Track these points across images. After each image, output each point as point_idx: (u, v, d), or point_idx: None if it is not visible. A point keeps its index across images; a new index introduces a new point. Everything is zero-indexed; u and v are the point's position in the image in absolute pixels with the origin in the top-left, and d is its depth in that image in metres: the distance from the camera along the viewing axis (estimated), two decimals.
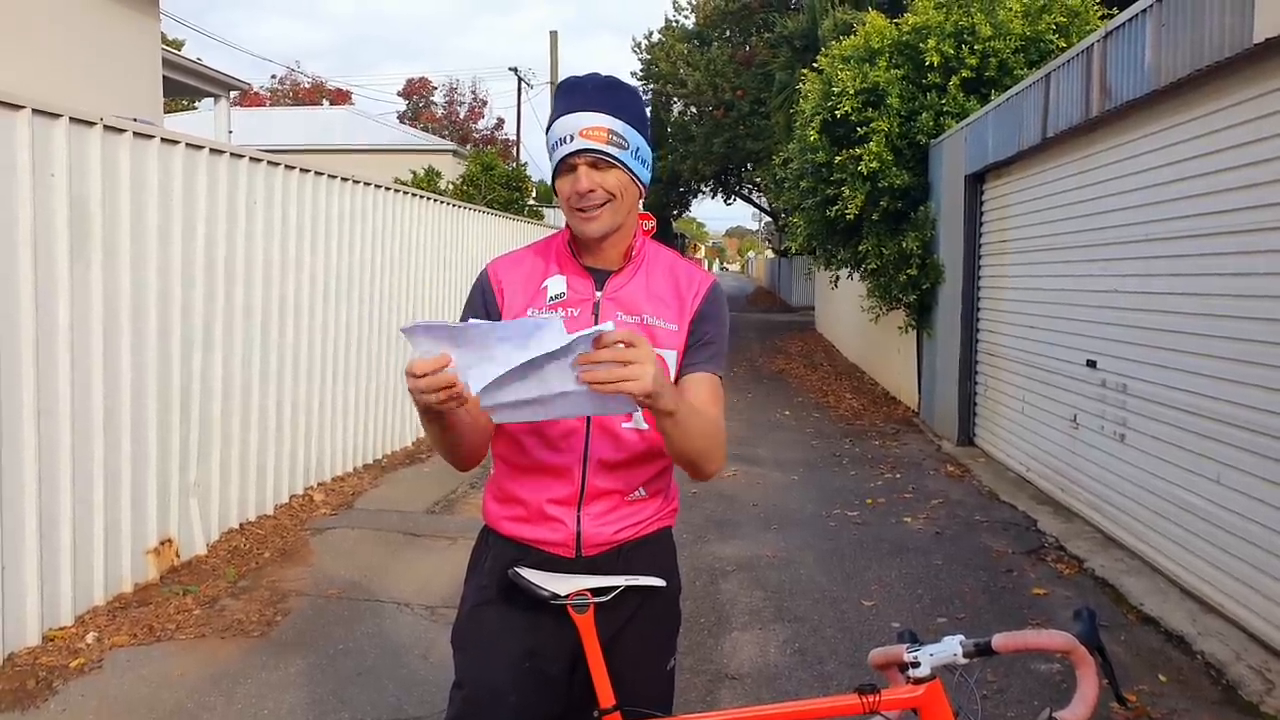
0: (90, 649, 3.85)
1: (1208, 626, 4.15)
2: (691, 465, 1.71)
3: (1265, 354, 3.99)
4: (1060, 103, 6.09)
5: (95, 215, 4.13)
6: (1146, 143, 5.14)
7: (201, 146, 4.94)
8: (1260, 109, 4.04)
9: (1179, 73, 4.50)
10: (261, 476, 5.68)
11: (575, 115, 1.66)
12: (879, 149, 9.14)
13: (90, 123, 4.07)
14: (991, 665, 3.72)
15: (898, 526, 5.94)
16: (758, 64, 24.86)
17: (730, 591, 4.75)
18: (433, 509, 6.23)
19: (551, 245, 1.84)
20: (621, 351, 1.42)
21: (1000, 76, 8.77)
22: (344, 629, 4.19)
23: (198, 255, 4.93)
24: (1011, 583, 4.89)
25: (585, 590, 1.69)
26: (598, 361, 1.41)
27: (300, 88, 43.65)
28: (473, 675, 1.78)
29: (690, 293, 1.79)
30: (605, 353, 1.41)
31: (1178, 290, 4.76)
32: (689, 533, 5.70)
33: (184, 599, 4.41)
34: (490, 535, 1.84)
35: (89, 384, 4.14)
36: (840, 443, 8.79)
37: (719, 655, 3.97)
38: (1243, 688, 3.62)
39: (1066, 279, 6.28)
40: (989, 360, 8.01)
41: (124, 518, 4.39)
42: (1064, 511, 6.10)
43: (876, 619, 4.37)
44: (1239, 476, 4.16)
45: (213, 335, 5.10)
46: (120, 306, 4.32)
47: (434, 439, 1.68)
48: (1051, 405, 6.50)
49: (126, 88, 9.07)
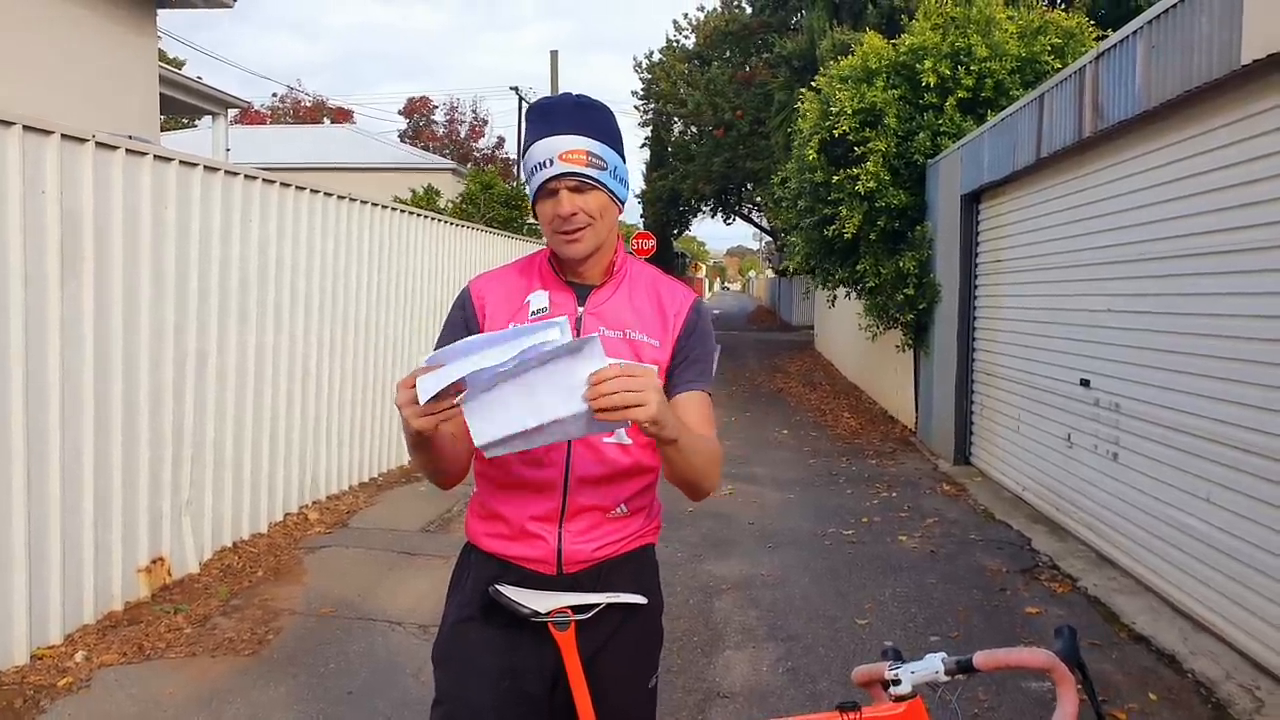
0: (79, 668, 3.83)
1: (1199, 645, 4.14)
2: (689, 486, 1.71)
3: (1256, 373, 3.99)
4: (1054, 123, 6.13)
5: (87, 232, 4.15)
6: (1138, 163, 5.17)
7: (195, 164, 4.97)
8: (1249, 130, 4.07)
9: (1169, 94, 4.53)
10: (255, 494, 5.67)
11: (553, 139, 1.66)
12: (876, 169, 9.18)
13: (82, 139, 4.10)
14: (983, 684, 3.70)
15: (893, 545, 5.93)
16: (757, 84, 25.03)
17: (724, 610, 4.74)
18: (427, 528, 6.22)
19: (534, 262, 1.85)
20: (631, 378, 1.42)
21: (996, 97, 8.83)
22: (336, 648, 4.17)
23: (191, 273, 4.94)
24: (1005, 601, 4.87)
25: (566, 607, 1.69)
26: (606, 384, 1.40)
27: (301, 106, 43.87)
28: (452, 693, 1.77)
29: (673, 309, 1.80)
30: (613, 371, 1.41)
31: (1168, 310, 4.78)
32: (684, 550, 5.68)
33: (175, 617, 4.40)
34: (472, 552, 1.85)
35: (79, 401, 4.15)
36: (837, 461, 8.78)
37: (711, 673, 3.96)
38: (1232, 706, 3.60)
39: (1060, 298, 6.30)
40: (985, 379, 8.02)
41: (115, 535, 4.39)
42: (1059, 531, 6.09)
43: (870, 638, 4.35)
44: (1230, 495, 4.16)
45: (206, 352, 5.11)
46: (112, 324, 4.33)
47: (419, 462, 1.70)
48: (1046, 424, 6.50)
49: (123, 106, 9.12)
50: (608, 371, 1.41)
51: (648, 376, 1.45)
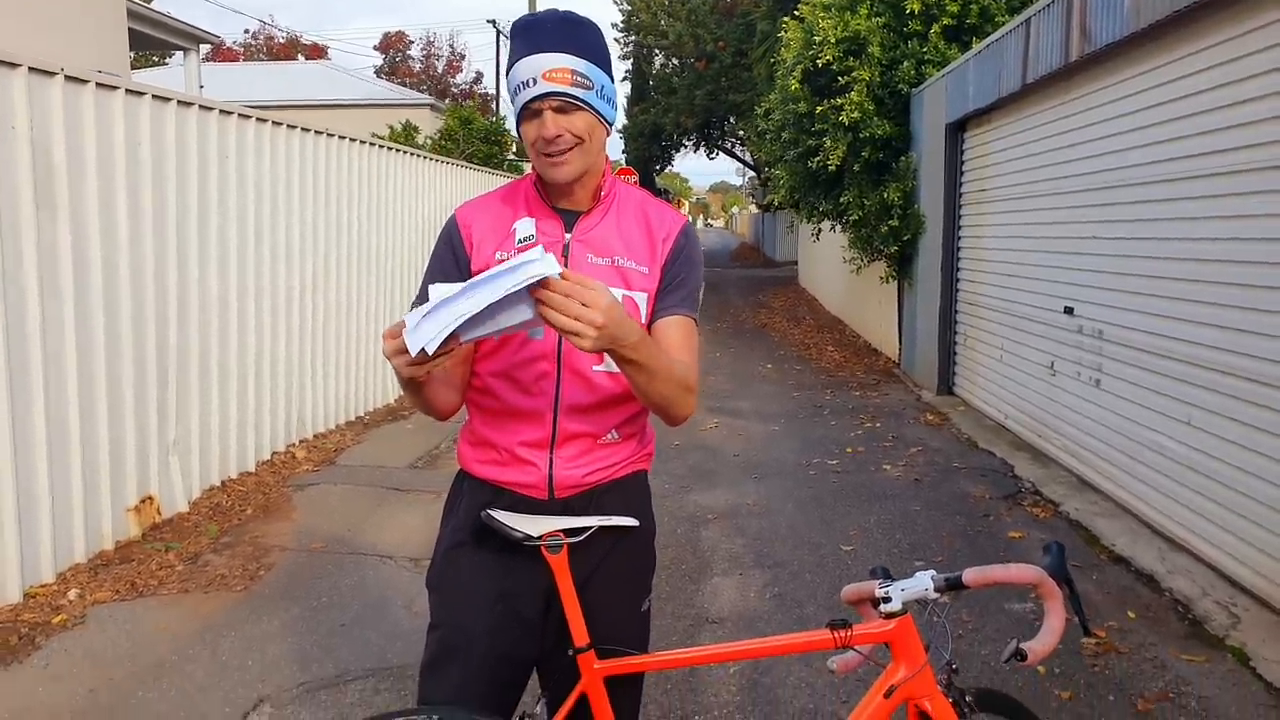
0: (72, 605, 3.86)
1: (1176, 564, 4.24)
2: (660, 410, 1.70)
3: (1234, 296, 4.02)
4: (1040, 48, 6.05)
5: (60, 170, 4.05)
6: (1124, 87, 5.12)
7: (169, 99, 4.84)
8: (1237, 50, 4.03)
9: (1158, 15, 4.47)
10: (242, 434, 5.66)
11: (537, 56, 1.61)
12: (860, 98, 9.06)
13: (50, 73, 3.98)
14: (967, 606, 3.79)
15: (877, 474, 6.00)
16: (739, 14, 24.55)
17: (711, 539, 4.80)
18: (415, 464, 6.24)
19: (519, 188, 1.81)
20: (581, 303, 1.39)
21: (982, 24, 8.69)
22: (327, 582, 4.21)
23: (169, 211, 4.85)
24: (988, 527, 4.96)
25: (558, 531, 1.70)
26: (553, 298, 1.38)
27: (275, 43, 42.77)
28: (447, 617, 1.79)
29: (661, 234, 1.77)
30: (567, 293, 1.38)
31: (1150, 235, 4.78)
32: (671, 483, 5.74)
33: (166, 555, 4.42)
34: (465, 479, 1.85)
35: (61, 341, 4.10)
36: (821, 394, 8.84)
37: (700, 600, 4.03)
38: (1209, 622, 3.70)
39: (1044, 226, 6.29)
40: (969, 310, 8.04)
41: (103, 476, 4.38)
42: (1041, 457, 6.17)
43: (855, 563, 4.43)
44: (1208, 418, 4.22)
45: (188, 291, 5.04)
46: (91, 263, 4.26)
47: (413, 400, 1.69)
48: (1030, 353, 6.55)
49: (90, 41, 8.86)
50: (558, 285, 1.38)
51: (596, 298, 1.40)
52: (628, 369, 1.56)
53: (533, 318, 1.40)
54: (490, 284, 1.36)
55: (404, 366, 1.45)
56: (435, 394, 1.69)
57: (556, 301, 1.38)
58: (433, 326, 1.38)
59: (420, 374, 1.49)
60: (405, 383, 1.57)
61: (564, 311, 1.39)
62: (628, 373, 1.58)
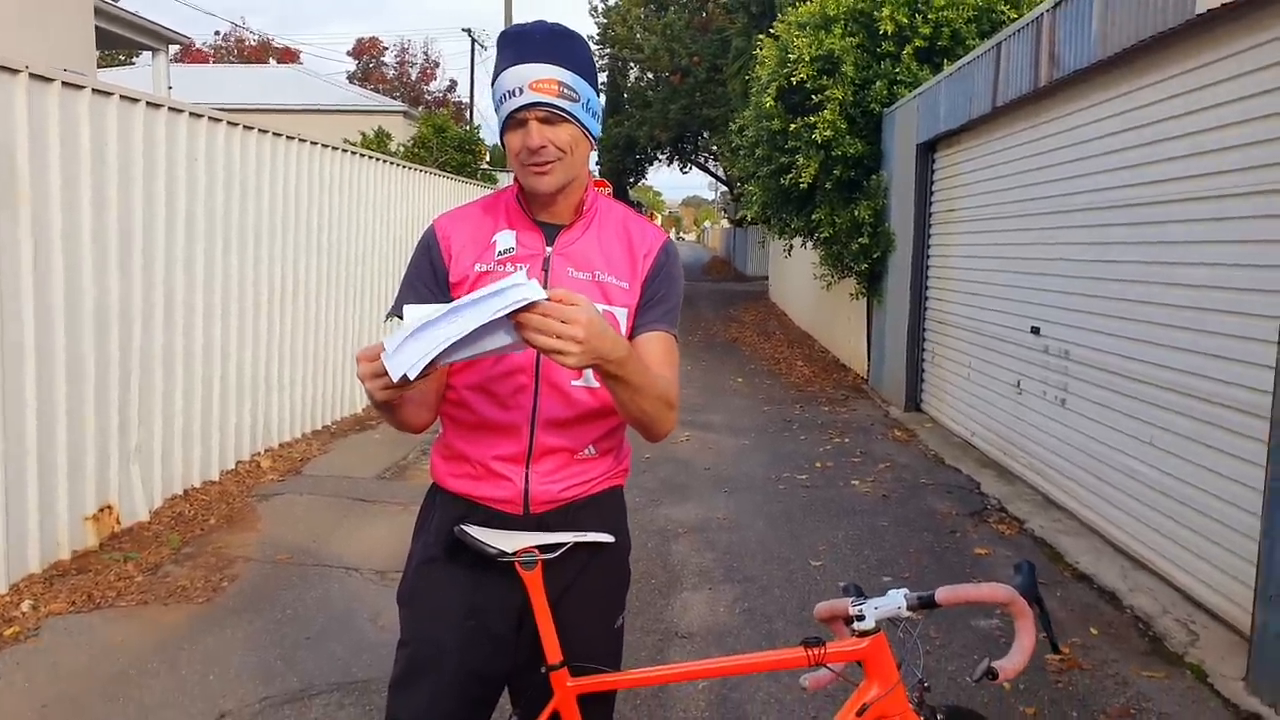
0: (26, 617, 3.76)
1: (1138, 582, 4.30)
2: (641, 426, 1.69)
3: (1195, 319, 4.10)
4: (1010, 71, 6.15)
5: (22, 168, 3.97)
6: (1092, 112, 5.21)
7: (137, 99, 4.77)
8: (1201, 79, 4.11)
9: (1124, 43, 4.56)
10: (206, 442, 5.57)
11: (524, 67, 1.60)
12: (833, 117, 9.15)
13: (14, 70, 3.91)
14: (934, 623, 3.81)
15: (845, 490, 6.03)
16: (715, 30, 24.70)
17: (681, 553, 4.79)
18: (383, 475, 6.18)
19: (501, 200, 1.80)
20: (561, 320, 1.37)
21: (953, 46, 8.82)
22: (292, 594, 4.15)
23: (135, 215, 4.77)
24: (955, 543, 5.00)
25: (533, 547, 1.69)
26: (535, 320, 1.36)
27: (245, 45, 42.40)
28: (418, 633, 1.77)
29: (643, 250, 1.76)
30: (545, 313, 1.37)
31: (1117, 258, 4.86)
32: (642, 496, 5.73)
33: (125, 566, 4.33)
34: (438, 493, 1.82)
35: (20, 344, 4.01)
36: (791, 409, 8.88)
37: (669, 614, 4.01)
38: (1169, 639, 3.75)
39: (1013, 246, 6.38)
40: (937, 328, 8.13)
41: (60, 481, 4.28)
42: (1007, 475, 6.24)
43: (824, 579, 4.44)
44: (1170, 438, 4.29)
45: (153, 293, 4.96)
46: (53, 264, 4.18)
47: (384, 416, 1.67)
48: (996, 371, 6.62)
49: (54, 39, 8.72)
50: (543, 307, 1.36)
51: (576, 314, 1.39)
52: (612, 384, 1.55)
53: (514, 341, 1.39)
54: (473, 308, 1.35)
55: (379, 390, 1.43)
56: (409, 413, 1.68)
57: (535, 321, 1.37)
58: (415, 351, 1.35)
59: (396, 397, 1.47)
60: (379, 404, 1.55)
61: (544, 331, 1.37)
62: (612, 388, 1.57)
